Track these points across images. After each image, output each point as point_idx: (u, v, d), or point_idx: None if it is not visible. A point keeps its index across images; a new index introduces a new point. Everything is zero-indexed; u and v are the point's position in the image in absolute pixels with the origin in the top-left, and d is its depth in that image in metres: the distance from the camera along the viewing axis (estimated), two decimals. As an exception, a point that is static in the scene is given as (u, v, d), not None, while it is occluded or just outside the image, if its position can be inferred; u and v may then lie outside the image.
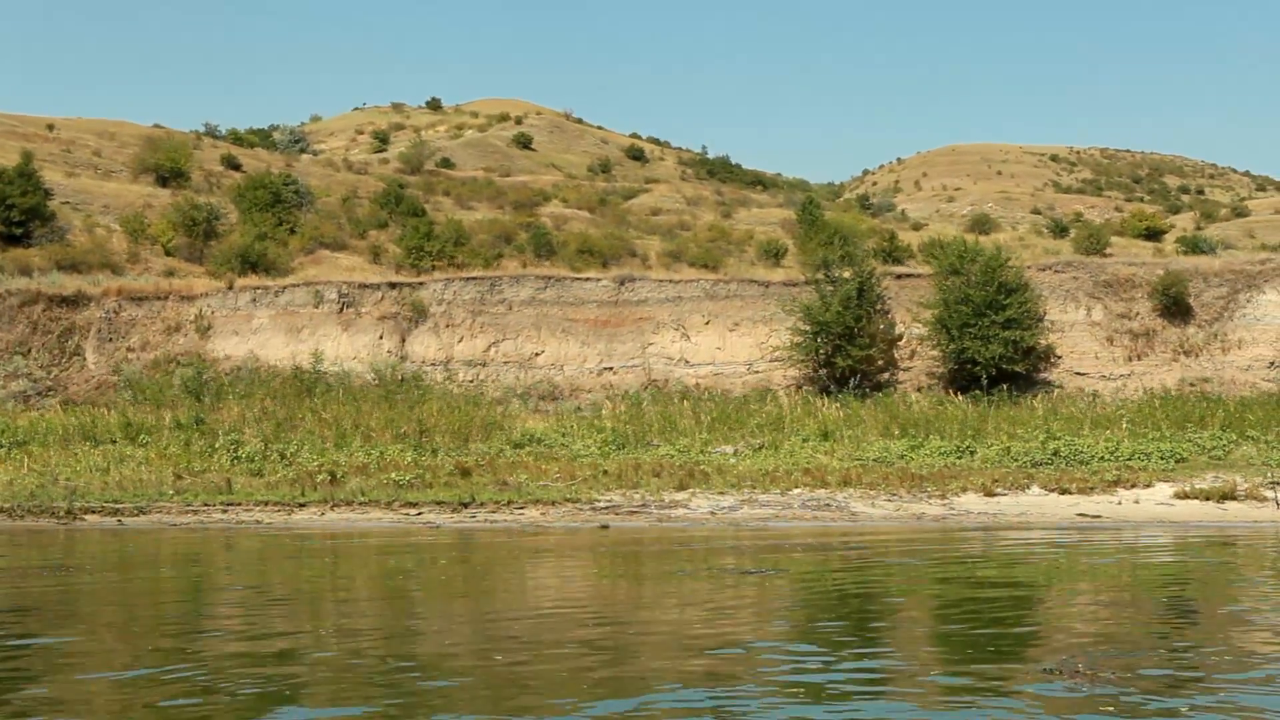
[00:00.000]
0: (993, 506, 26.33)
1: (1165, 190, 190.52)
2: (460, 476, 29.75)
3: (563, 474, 30.22)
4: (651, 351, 55.95)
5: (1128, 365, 52.38)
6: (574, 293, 57.25)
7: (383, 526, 24.65)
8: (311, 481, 29.06)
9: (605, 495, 27.68)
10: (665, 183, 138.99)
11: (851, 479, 29.13)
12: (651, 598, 16.79)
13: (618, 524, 24.48)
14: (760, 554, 21.18)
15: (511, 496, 27.14)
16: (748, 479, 29.58)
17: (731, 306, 56.07)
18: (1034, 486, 28.41)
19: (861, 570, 19.30)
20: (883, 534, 23.22)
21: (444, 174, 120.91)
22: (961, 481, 28.96)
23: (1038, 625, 14.87)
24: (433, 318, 56.23)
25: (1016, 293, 51.53)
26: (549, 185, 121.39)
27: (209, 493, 28.06)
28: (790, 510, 25.94)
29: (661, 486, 28.85)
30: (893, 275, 55.88)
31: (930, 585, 17.44)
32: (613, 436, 35.98)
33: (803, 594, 16.90)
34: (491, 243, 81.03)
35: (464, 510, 25.95)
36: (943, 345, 51.79)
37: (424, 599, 17.39)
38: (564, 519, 25.27)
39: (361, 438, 34.83)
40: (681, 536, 23.39)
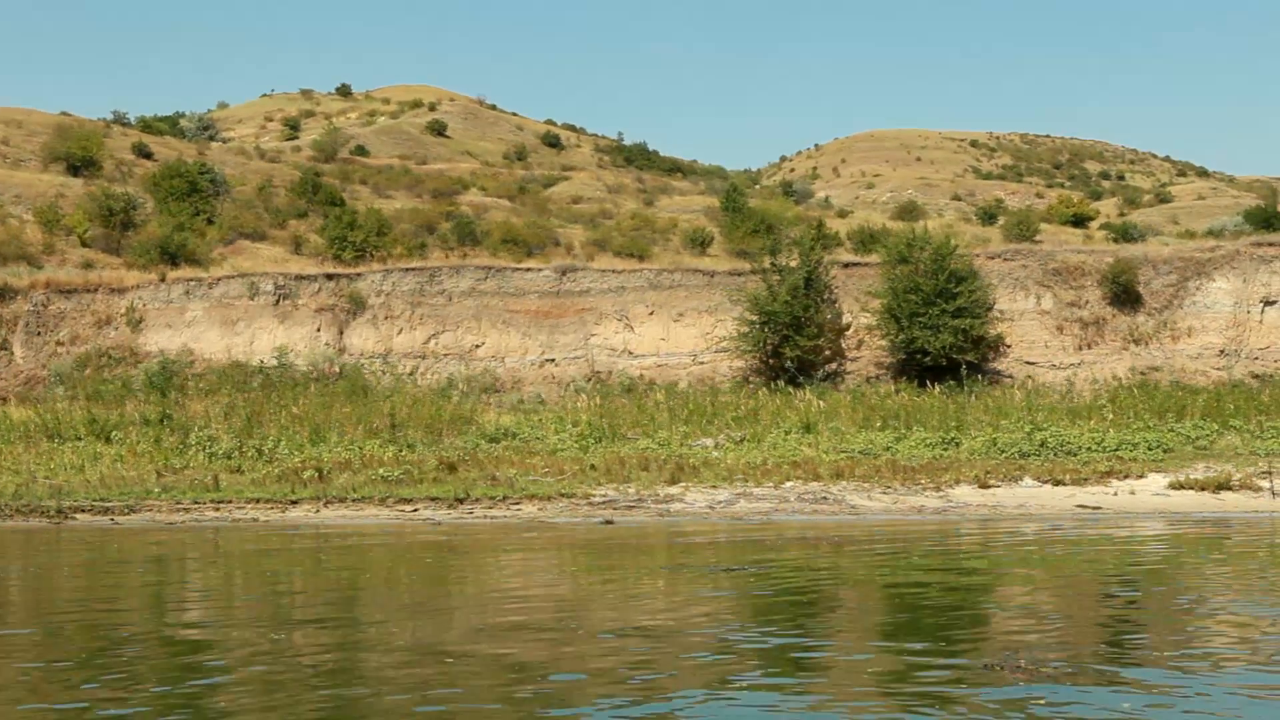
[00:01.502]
0: (990, 499, 27.01)
1: (1086, 176, 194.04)
2: (447, 472, 30.00)
3: (550, 469, 30.53)
4: (594, 343, 56.29)
5: (1077, 354, 53.52)
6: (515, 283, 57.42)
7: (381, 523, 24.78)
8: (299, 478, 29.13)
9: (599, 490, 28.03)
10: (584, 170, 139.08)
11: (843, 472, 29.73)
12: (619, 598, 17.19)
13: (621, 519, 24.79)
14: (763, 549, 21.61)
15: (505, 492, 27.37)
16: (737, 473, 30.10)
17: (676, 296, 56.53)
18: (1026, 478, 29.13)
19: (855, 564, 19.75)
20: (886, 528, 23.75)
21: (359, 162, 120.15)
22: (953, 473, 29.66)
23: (1025, 620, 15.31)
24: (371, 309, 56.16)
25: (966, 281, 52.34)
26: (467, 173, 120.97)
27: (196, 490, 28.04)
28: (788, 504, 26.43)
29: (653, 481, 29.26)
30: (840, 264, 56.62)
31: (922, 580, 17.91)
32: (588, 430, 36.34)
33: (775, 591, 17.32)
34: (414, 232, 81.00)
35: (460, 506, 26.15)
36: (891, 335, 52.54)
37: (433, 595, 17.67)
38: (563, 514, 25.56)
39: (336, 433, 34.89)
40: (683, 531, 23.78)
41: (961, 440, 34.17)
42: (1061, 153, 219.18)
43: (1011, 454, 32.56)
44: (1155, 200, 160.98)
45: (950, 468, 30.48)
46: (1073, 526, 23.69)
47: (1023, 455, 32.42)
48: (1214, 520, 24.49)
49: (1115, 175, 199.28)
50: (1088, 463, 31.17)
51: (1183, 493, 27.28)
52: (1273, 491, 27.39)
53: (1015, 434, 34.15)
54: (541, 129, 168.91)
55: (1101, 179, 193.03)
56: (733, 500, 26.83)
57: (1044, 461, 31.49)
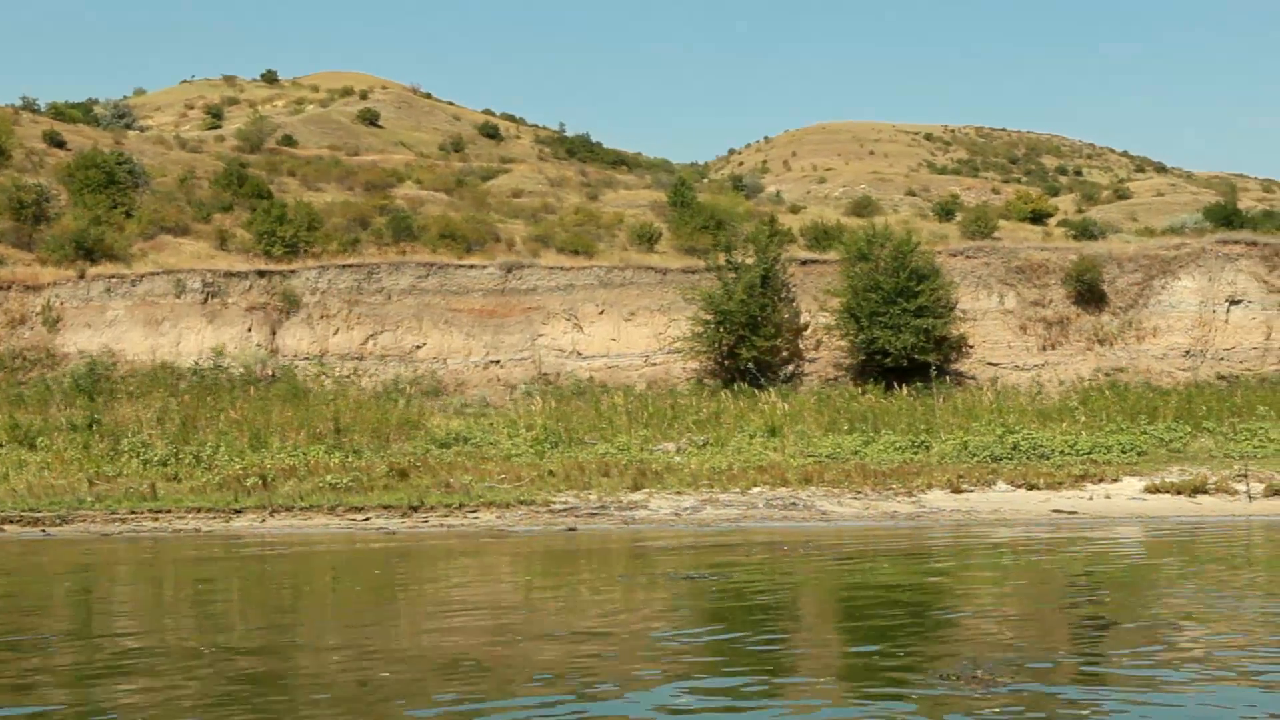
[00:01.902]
0: (963, 504, 27.39)
1: (1043, 171, 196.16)
2: (398, 478, 29.98)
3: (507, 475, 30.56)
4: (542, 343, 56.30)
5: (1041, 355, 54.11)
6: (457, 281, 57.33)
7: (331, 533, 24.74)
8: (241, 486, 28.98)
9: (559, 497, 28.17)
10: (524, 162, 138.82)
11: (812, 476, 30.03)
12: (566, 606, 17.36)
13: (584, 527, 24.89)
14: (729, 556, 21.81)
15: (461, 499, 27.43)
16: (702, 478, 30.32)
17: (627, 295, 56.64)
18: (1000, 482, 29.56)
19: (821, 572, 19.97)
20: (858, 534, 24.01)
21: (287, 152, 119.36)
22: (925, 478, 30.05)
23: (993, 628, 15.53)
24: (305, 308, 55.88)
25: (928, 279, 52.79)
26: (401, 165, 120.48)
27: (132, 499, 27.83)
28: (756, 510, 26.69)
29: (614, 487, 29.41)
30: (797, 261, 56.97)
31: (890, 587, 18.13)
32: (543, 434, 36.38)
33: (733, 598, 17.53)
34: (347, 227, 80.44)
35: (414, 515, 26.19)
36: (851, 335, 52.92)
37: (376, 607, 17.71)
38: (523, 522, 25.66)
39: (278, 439, 34.73)
40: (648, 539, 23.92)
41: (932, 444, 34.60)
42: (1018, 147, 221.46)
43: (983, 457, 33.00)
44: (1114, 196, 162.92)
45: (921, 472, 30.87)
46: (1048, 532, 24.02)
47: (995, 459, 32.85)
48: (1191, 525, 24.92)
49: (1073, 170, 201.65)
50: (1061, 466, 31.67)
51: (1159, 497, 27.77)
52: (1249, 495, 27.88)
53: (986, 437, 34.61)
54: (479, 119, 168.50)
55: (1059, 174, 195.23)
56: (699, 507, 27.04)
57: (1017, 465, 31.95)
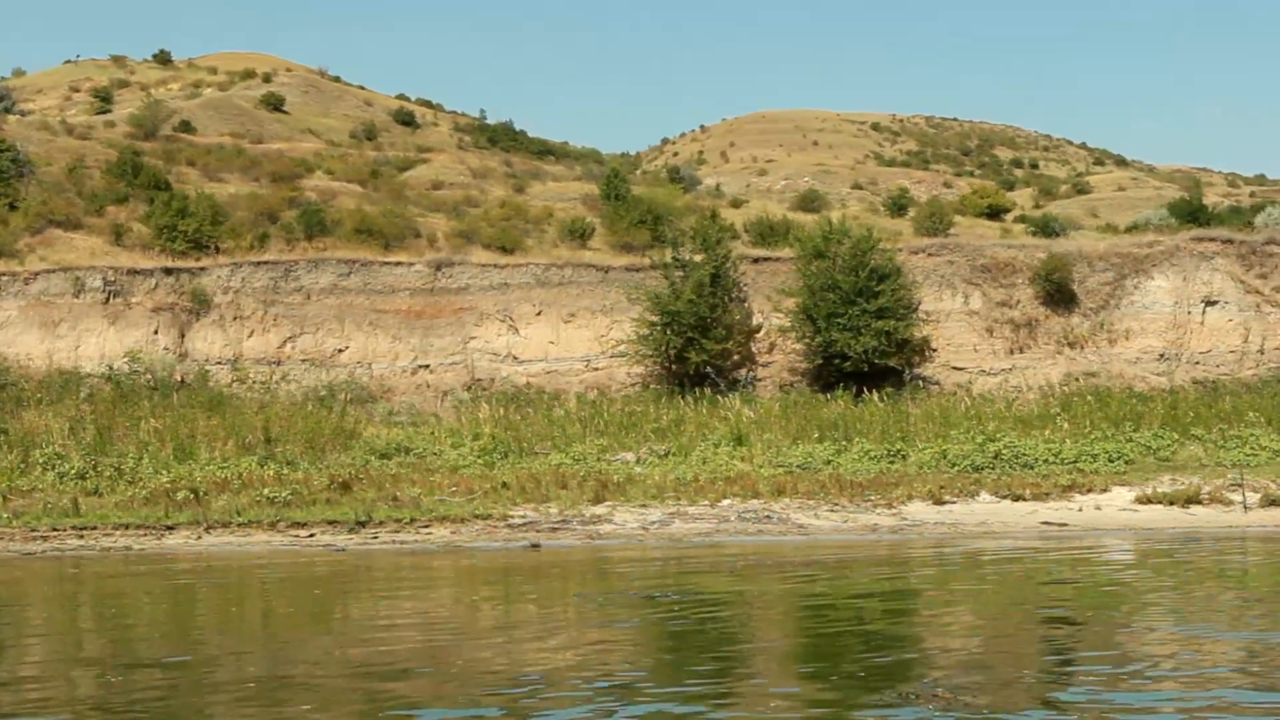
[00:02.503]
0: (947, 516, 27.83)
1: (997, 163, 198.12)
2: (340, 492, 30.01)
3: (458, 488, 30.65)
4: (474, 346, 56.31)
5: (1009, 358, 54.74)
6: (382, 279, 57.25)
7: (274, 550, 24.77)
8: (171, 500, 28.87)
9: (516, 511, 28.35)
10: (443, 152, 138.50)
11: (785, 488, 30.44)
12: (507, 627, 17.65)
13: (548, 543, 25.06)
14: (697, 574, 22.07)
15: (412, 514, 27.53)
16: (668, 490, 30.61)
17: (566, 295, 56.77)
18: (983, 493, 30.05)
19: (793, 588, 20.25)
20: (838, 549, 24.33)
21: (184, 140, 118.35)
22: (905, 489, 30.51)
23: (972, 646, 15.85)
24: (218, 309, 55.57)
25: (889, 279, 53.32)
26: (310, 154, 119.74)
27: (53, 515, 27.66)
28: (729, 524, 26.99)
29: (574, 500, 29.62)
30: (748, 259, 57.34)
31: (865, 605, 18.42)
32: (493, 444, 36.47)
33: (691, 618, 17.82)
34: (254, 221, 79.99)
35: (362, 530, 26.25)
36: (807, 338, 53.36)
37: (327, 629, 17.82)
38: (480, 538, 25.82)
39: (205, 449, 34.60)
40: (614, 555, 24.12)
41: (909, 453, 35.04)
42: (970, 138, 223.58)
43: (964, 467, 33.52)
44: (1073, 191, 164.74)
45: (900, 482, 31.33)
46: (1038, 544, 24.44)
47: (976, 468, 33.39)
48: (1186, 537, 25.41)
49: (1029, 163, 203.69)
50: (1047, 476, 32.25)
51: (1151, 508, 28.32)
52: (1244, 505, 28.43)
53: (966, 445, 35.15)
54: (393, 105, 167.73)
55: (1014, 167, 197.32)
56: (667, 520, 27.31)
57: (1000, 475, 32.49)
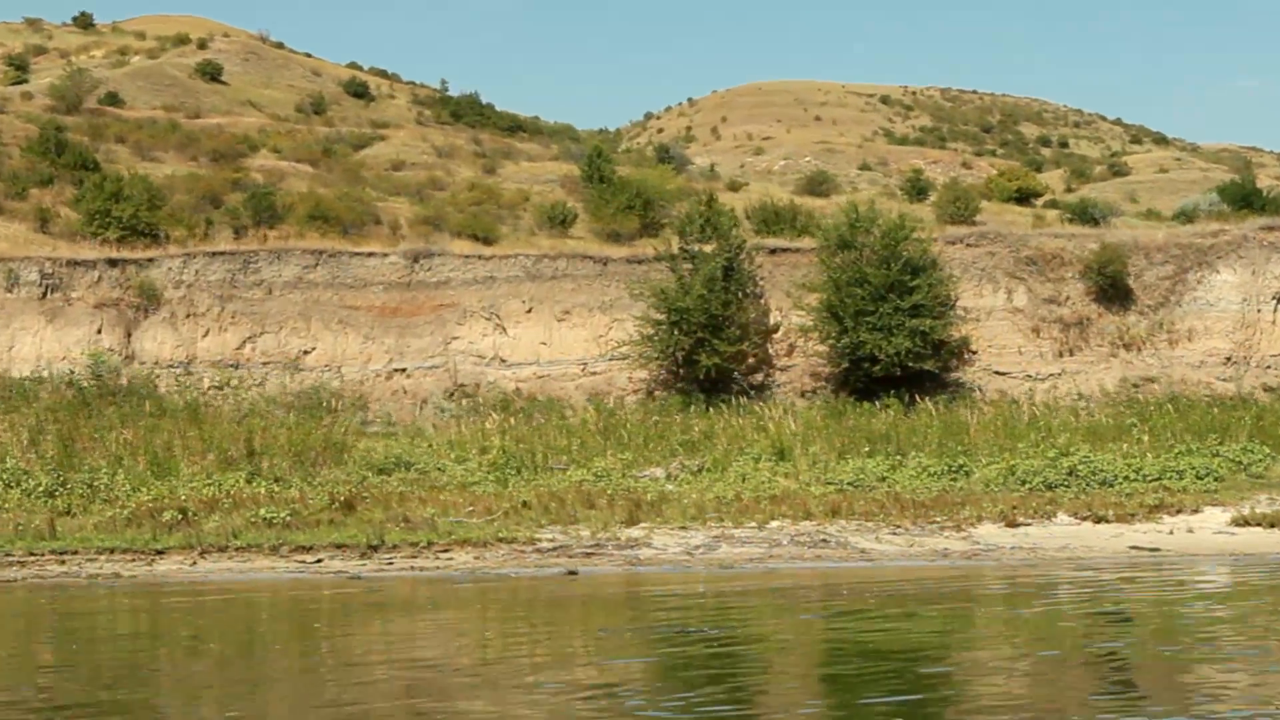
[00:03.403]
0: (1023, 539, 28.22)
1: (1022, 141, 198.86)
2: (343, 512, 30.26)
3: (475, 508, 30.93)
4: (456, 348, 56.53)
5: (1057, 362, 55.06)
6: (353, 272, 57.47)
7: (281, 578, 25.00)
8: (157, 521, 29.07)
9: (544, 534, 28.63)
10: (401, 127, 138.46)
11: (838, 508, 30.74)
12: (507, 670, 18.10)
13: (586, 570, 25.35)
14: (745, 605, 22.36)
15: (429, 537, 27.79)
16: (707, 510, 30.93)
17: (560, 290, 57.03)
18: (1060, 514, 30.48)
19: (852, 623, 20.50)
20: (906, 577, 24.72)
21: (112, 113, 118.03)
22: (973, 509, 30.93)
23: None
24: (168, 305, 55.75)
25: (924, 272, 53.53)
26: (253, 130, 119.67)
27: (28, 538, 27.83)
28: (781, 548, 27.32)
29: (605, 521, 29.94)
30: (765, 250, 57.46)
31: (935, 644, 18.70)
32: (502, 458, 36.77)
33: (722, 656, 18.17)
34: (195, 205, 79.99)
35: (374, 556, 26.51)
36: (832, 338, 53.54)
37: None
38: (508, 564, 26.09)
39: (184, 464, 34.81)
40: (656, 584, 24.45)
41: (972, 468, 35.42)
42: (991, 113, 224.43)
43: (1035, 484, 33.99)
44: (1109, 172, 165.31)
45: (967, 502, 31.73)
46: (1130, 572, 24.77)
47: (1049, 486, 33.85)
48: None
49: (1058, 141, 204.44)
50: (1130, 495, 32.70)
51: (1250, 530, 28.63)
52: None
53: (1035, 460, 35.51)
54: (343, 74, 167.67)
55: (1041, 145, 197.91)
56: (712, 545, 27.65)
57: (1077, 494, 32.94)
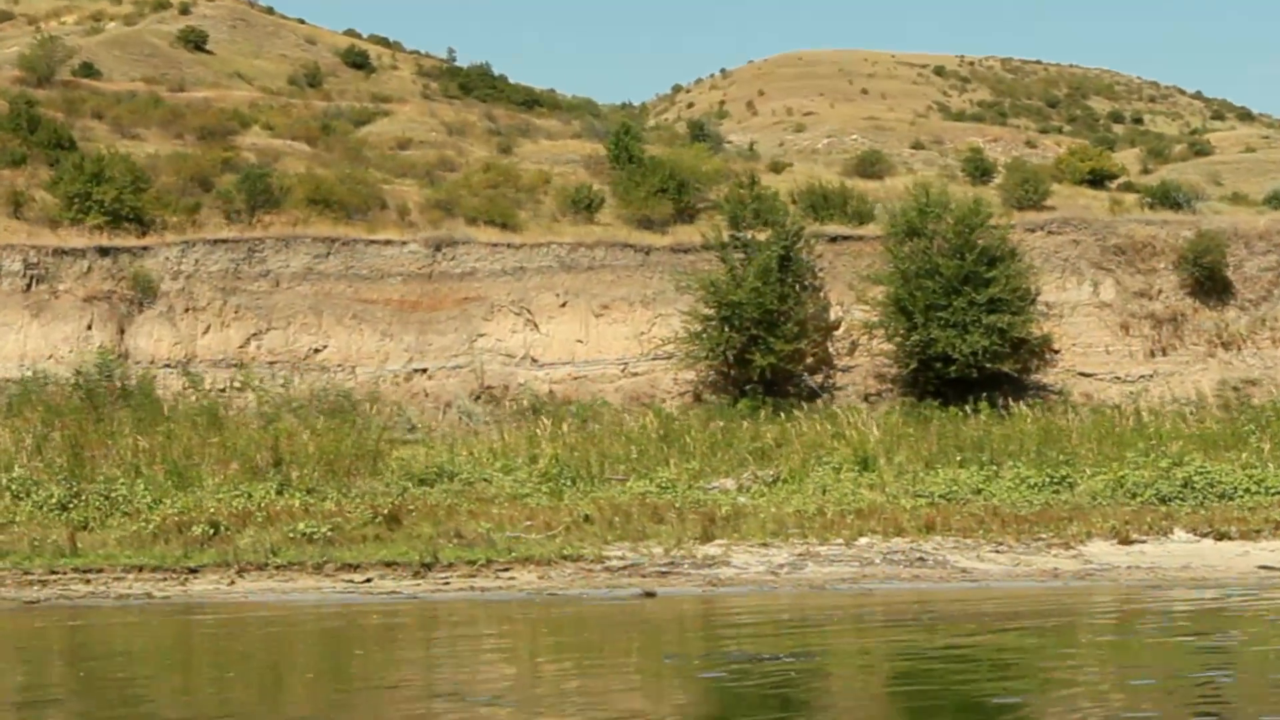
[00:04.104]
0: (1139, 558, 28.50)
1: (1091, 117, 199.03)
2: (387, 526, 30.54)
3: (534, 522, 31.23)
4: (483, 345, 56.71)
5: (1149, 362, 55.05)
6: (369, 262, 57.73)
7: (327, 599, 25.28)
8: (187, 537, 29.37)
9: (612, 551, 28.92)
10: (406, 102, 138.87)
11: (933, 523, 30.98)
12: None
13: (664, 591, 25.62)
14: (837, 630, 22.59)
15: (487, 554, 28.06)
16: (788, 525, 31.23)
17: (598, 281, 57.20)
18: (1177, 529, 30.72)
19: (976, 654, 20.66)
20: (1017, 598, 24.94)
21: (88, 86, 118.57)
22: (1081, 524, 31.20)
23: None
24: (165, 298, 56.04)
25: (1002, 263, 53.44)
26: (243, 104, 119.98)
27: (47, 555, 28.12)
28: (874, 566, 27.59)
29: (677, 536, 30.22)
30: (824, 238, 57.50)
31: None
32: (554, 467, 37.05)
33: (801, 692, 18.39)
34: (182, 188, 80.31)
35: (428, 574, 26.77)
36: (900, 336, 53.54)
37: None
38: (576, 584, 26.33)
39: (208, 474, 35.11)
40: (738, 606, 24.67)
41: (1076, 479, 35.62)
42: (1058, 85, 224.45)
43: (1147, 497, 34.24)
44: (1189, 151, 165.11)
45: (1074, 516, 31.97)
46: (1265, 594, 24.92)
47: (1163, 499, 34.08)
48: None
49: (1131, 117, 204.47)
50: (1254, 509, 32.89)
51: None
52: None
53: (1146, 471, 35.67)
54: (341, 43, 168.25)
55: (1112, 122, 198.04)
56: (798, 563, 27.94)
57: (1194, 508, 33.11)
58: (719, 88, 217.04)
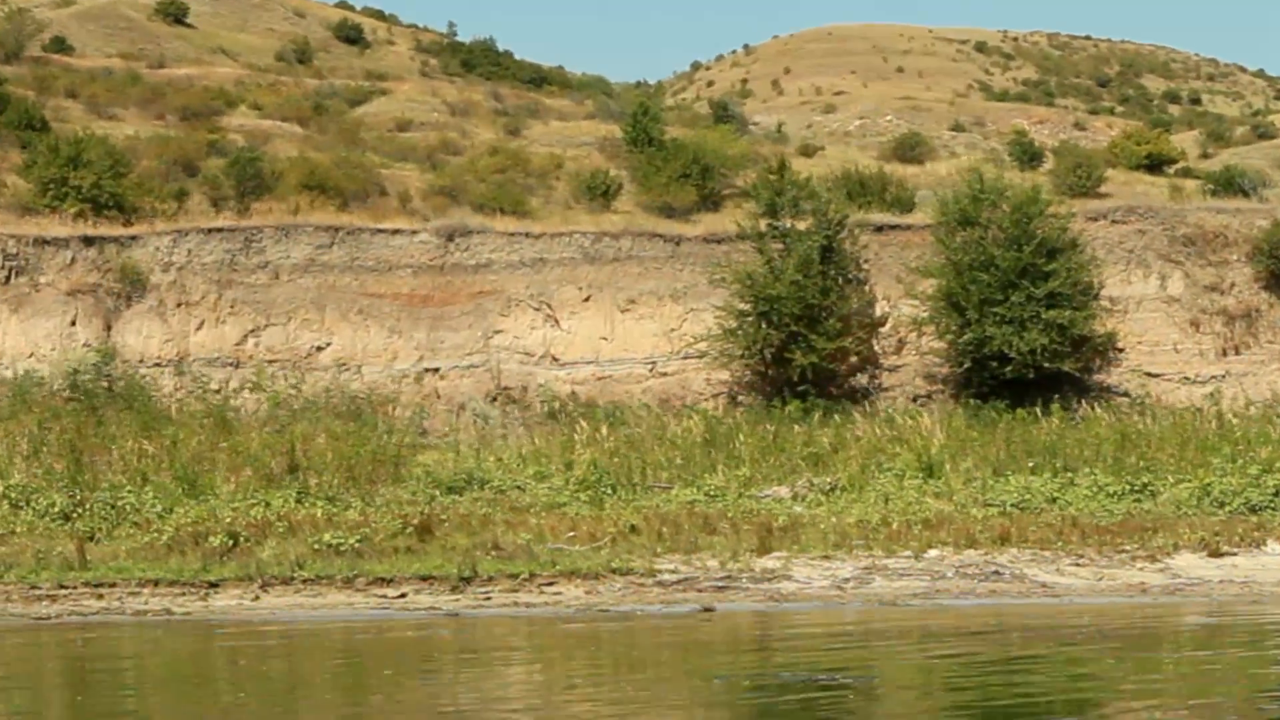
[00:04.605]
0: (1232, 572, 28.54)
1: (1145, 97, 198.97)
2: (419, 538, 30.58)
3: (579, 533, 31.31)
4: (499, 343, 56.67)
5: (1221, 362, 54.84)
6: (376, 253, 57.64)
7: (360, 616, 25.36)
8: (204, 548, 29.44)
9: (663, 564, 28.95)
10: (405, 80, 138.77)
11: (1009, 535, 30.98)
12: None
13: (724, 607, 25.64)
14: (905, 648, 22.62)
15: (530, 567, 28.12)
16: (852, 536, 31.27)
17: (624, 274, 57.11)
18: (1270, 541, 30.76)
19: (1055, 677, 20.67)
20: (1105, 616, 24.99)
21: (60, 62, 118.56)
22: (1167, 536, 31.22)
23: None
24: (156, 291, 55.94)
25: (1062, 254, 53.32)
26: (228, 82, 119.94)
27: (54, 568, 28.17)
28: (947, 581, 27.60)
29: (732, 548, 30.26)
30: (870, 227, 57.34)
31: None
32: (594, 474, 37.10)
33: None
34: (165, 173, 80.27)
35: (468, 589, 26.80)
36: (952, 333, 53.40)
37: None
38: (627, 599, 26.38)
39: (221, 480, 35.19)
40: (800, 623, 24.71)
41: (1158, 487, 35.62)
42: (1108, 63, 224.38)
43: (1236, 507, 34.27)
44: (1251, 135, 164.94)
45: (1158, 527, 31.98)
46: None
47: (1253, 509, 34.10)
48: None
49: (1188, 97, 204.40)
50: (1354, 520, 32.88)
51: None
52: None
53: (1235, 478, 35.67)
54: (332, 16, 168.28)
55: (1168, 102, 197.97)
56: (865, 577, 28.01)
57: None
58: (742, 65, 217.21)
